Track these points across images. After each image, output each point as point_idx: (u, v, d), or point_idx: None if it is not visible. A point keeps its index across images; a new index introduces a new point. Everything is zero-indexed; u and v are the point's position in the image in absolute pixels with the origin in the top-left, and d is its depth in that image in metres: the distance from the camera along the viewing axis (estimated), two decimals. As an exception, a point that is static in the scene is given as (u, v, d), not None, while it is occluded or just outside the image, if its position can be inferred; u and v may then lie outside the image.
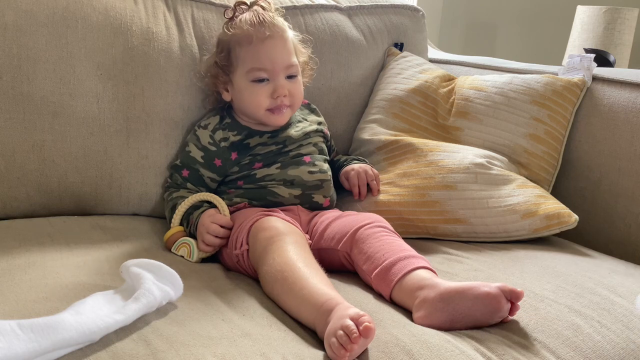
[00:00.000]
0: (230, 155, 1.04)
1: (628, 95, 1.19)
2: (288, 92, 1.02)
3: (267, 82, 1.01)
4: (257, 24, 1.01)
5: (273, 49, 1.01)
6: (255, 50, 1.00)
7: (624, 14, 2.10)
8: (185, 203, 0.98)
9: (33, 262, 0.82)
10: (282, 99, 1.02)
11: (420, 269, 0.80)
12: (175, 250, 0.94)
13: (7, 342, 0.57)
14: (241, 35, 1.01)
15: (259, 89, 1.01)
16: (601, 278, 0.93)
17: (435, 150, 1.16)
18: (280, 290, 0.78)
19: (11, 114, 0.98)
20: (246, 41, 1.01)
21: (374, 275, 0.82)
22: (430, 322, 0.74)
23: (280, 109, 1.03)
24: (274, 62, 1.00)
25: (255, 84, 1.01)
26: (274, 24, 1.02)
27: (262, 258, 0.83)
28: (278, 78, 1.01)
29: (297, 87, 1.04)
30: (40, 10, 1.00)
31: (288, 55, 1.02)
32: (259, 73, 1.01)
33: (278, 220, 0.90)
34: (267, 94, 1.01)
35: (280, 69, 1.01)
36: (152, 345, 0.64)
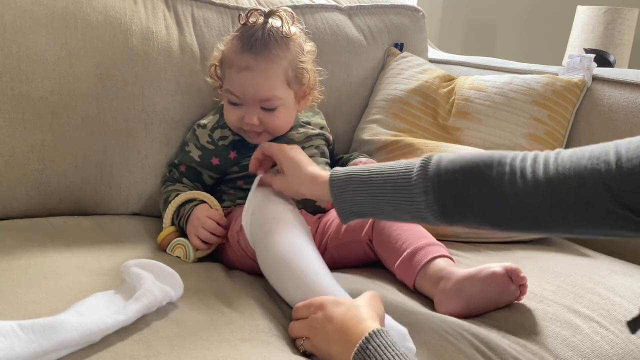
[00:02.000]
0: (229, 154, 1.04)
1: (628, 95, 1.20)
2: (260, 122, 0.99)
3: (240, 107, 0.99)
4: (246, 49, 0.97)
5: (247, 81, 0.97)
6: (232, 76, 0.98)
7: (624, 14, 2.10)
8: (177, 199, 0.98)
9: (33, 262, 0.82)
10: (251, 126, 0.99)
11: (438, 258, 0.85)
12: (171, 251, 0.94)
13: (8, 342, 0.57)
14: (228, 54, 1.00)
15: (232, 110, 1.00)
16: (601, 278, 0.93)
17: (435, 151, 1.16)
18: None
19: (10, 114, 0.98)
20: (228, 64, 0.99)
21: (396, 267, 0.88)
22: (450, 311, 0.80)
23: (250, 134, 1.01)
24: (245, 93, 0.97)
25: (229, 105, 1.00)
26: (262, 53, 0.96)
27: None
28: (249, 107, 0.99)
29: (273, 119, 1.00)
30: (40, 10, 1.00)
31: (265, 89, 0.97)
32: (231, 97, 0.99)
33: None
34: (237, 116, 1.00)
35: (252, 101, 0.98)
36: (153, 347, 0.64)
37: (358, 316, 0.64)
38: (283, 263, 0.78)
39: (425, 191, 0.72)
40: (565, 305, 0.83)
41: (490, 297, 0.80)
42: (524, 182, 0.66)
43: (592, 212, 0.63)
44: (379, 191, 0.76)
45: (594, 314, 0.82)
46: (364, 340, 0.60)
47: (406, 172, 0.74)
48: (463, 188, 0.70)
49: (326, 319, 0.66)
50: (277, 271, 0.80)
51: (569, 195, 0.64)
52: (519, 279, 0.81)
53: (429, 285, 0.83)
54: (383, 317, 0.68)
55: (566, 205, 0.64)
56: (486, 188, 0.69)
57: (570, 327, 0.79)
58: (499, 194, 0.68)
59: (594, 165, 0.62)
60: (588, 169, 0.62)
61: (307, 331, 0.68)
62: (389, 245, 0.90)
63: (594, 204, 0.62)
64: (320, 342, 0.66)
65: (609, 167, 0.61)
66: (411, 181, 0.73)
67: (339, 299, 0.70)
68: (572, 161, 0.64)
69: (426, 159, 0.74)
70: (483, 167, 0.70)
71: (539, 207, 0.66)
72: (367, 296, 0.69)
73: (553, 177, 0.65)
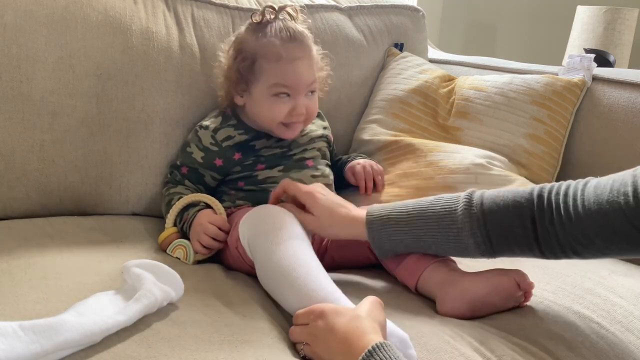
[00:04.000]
0: (233, 155, 1.03)
1: (628, 96, 1.20)
2: (305, 110, 1.02)
3: (288, 98, 1.00)
4: (287, 39, 0.99)
5: (300, 69, 1.00)
6: (283, 68, 0.99)
7: (624, 14, 2.10)
8: (180, 202, 0.98)
9: (33, 263, 0.82)
10: (298, 117, 1.01)
11: (441, 260, 0.85)
12: (171, 252, 0.94)
13: (9, 343, 0.57)
14: (269, 49, 0.99)
15: (279, 104, 1.00)
16: (601, 279, 0.93)
17: (435, 151, 1.16)
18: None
19: (10, 114, 0.98)
20: (274, 58, 0.99)
21: (398, 269, 0.87)
22: (453, 312, 0.80)
23: (295, 125, 1.03)
24: (299, 82, 1.00)
25: (275, 98, 1.00)
26: (303, 42, 1.01)
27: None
28: (299, 96, 1.01)
29: (314, 103, 1.04)
30: (40, 10, 1.00)
31: (312, 74, 1.02)
32: (282, 89, 1.00)
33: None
34: (286, 110, 1.00)
35: (303, 88, 1.01)
36: (153, 347, 0.63)
37: (360, 328, 0.64)
38: (281, 274, 0.77)
39: (473, 233, 0.77)
40: (566, 306, 0.83)
41: (495, 302, 0.81)
42: (559, 218, 0.73)
43: (621, 241, 0.68)
44: (421, 232, 0.79)
45: (594, 315, 0.82)
46: (366, 354, 0.60)
47: (449, 213, 0.78)
48: (509, 227, 0.75)
49: (328, 328, 0.66)
50: (276, 281, 0.79)
51: (598, 228, 0.69)
52: (527, 285, 0.81)
53: (432, 287, 0.83)
54: (384, 325, 0.68)
55: (598, 236, 0.69)
56: (530, 225, 0.75)
57: (571, 328, 0.79)
58: (542, 229, 0.74)
59: (614, 199, 0.67)
60: (610, 202, 0.67)
61: (308, 337, 0.68)
62: None
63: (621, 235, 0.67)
64: (322, 350, 0.66)
65: (627, 199, 0.65)
66: (457, 222, 0.77)
67: (340, 307, 0.69)
68: (597, 194, 0.69)
69: (468, 198, 0.77)
70: (526, 204, 0.75)
71: (575, 239, 0.72)
72: (368, 304, 0.69)
73: (582, 214, 0.70)
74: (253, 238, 0.85)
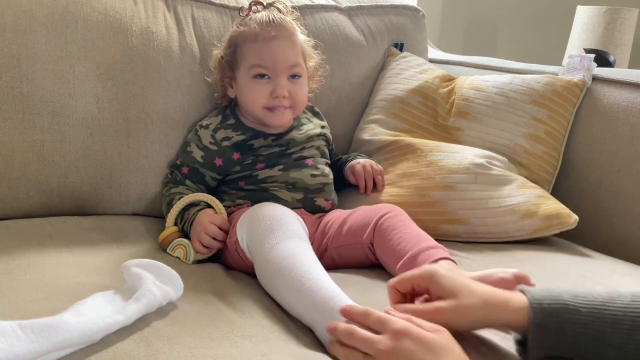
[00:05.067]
0: (232, 155, 1.04)
1: (628, 96, 1.20)
2: (288, 94, 1.02)
3: (268, 80, 1.01)
4: (265, 23, 1.01)
5: (277, 48, 1.01)
6: (259, 47, 1.01)
7: (624, 14, 2.10)
8: (181, 202, 0.98)
9: (33, 262, 0.82)
10: (280, 100, 1.01)
11: (441, 260, 0.84)
12: (171, 251, 0.94)
13: (8, 342, 0.57)
14: (247, 32, 1.02)
15: (259, 86, 1.01)
16: (601, 279, 0.93)
17: (435, 151, 1.16)
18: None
19: (10, 114, 0.98)
20: (251, 38, 1.02)
21: (397, 270, 0.86)
22: None
23: (279, 109, 1.02)
24: (276, 60, 1.00)
25: (256, 81, 1.01)
26: (282, 25, 1.02)
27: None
28: (279, 77, 1.01)
29: (299, 89, 1.04)
30: (40, 10, 1.00)
31: (293, 55, 1.03)
32: (260, 69, 1.01)
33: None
34: (267, 92, 1.01)
35: (282, 69, 1.01)
36: (153, 346, 0.64)
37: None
38: (280, 274, 0.77)
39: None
40: (566, 306, 0.83)
41: None
42: None
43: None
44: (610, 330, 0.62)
45: (594, 314, 0.82)
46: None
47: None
48: None
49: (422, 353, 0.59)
50: (275, 282, 0.79)
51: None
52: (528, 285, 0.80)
53: None
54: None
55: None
56: None
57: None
58: None
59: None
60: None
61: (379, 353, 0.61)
62: (391, 248, 0.89)
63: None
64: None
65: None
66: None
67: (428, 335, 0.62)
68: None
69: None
70: None
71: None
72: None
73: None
74: (251, 239, 0.85)
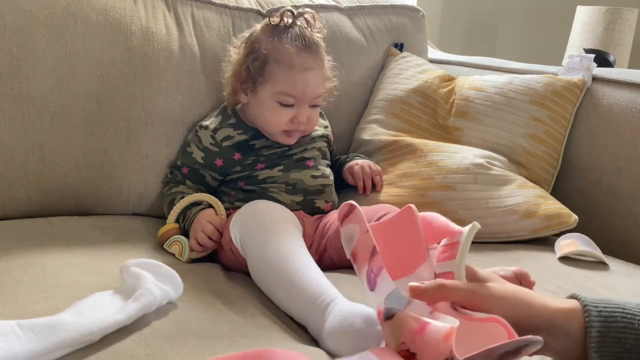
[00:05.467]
0: (233, 155, 1.04)
1: (628, 96, 1.20)
2: (307, 119, 1.02)
3: (292, 107, 1.01)
4: (303, 48, 0.99)
5: (310, 80, 1.00)
6: (294, 77, 0.99)
7: (624, 14, 2.10)
8: (184, 200, 0.99)
9: (33, 262, 0.82)
10: (298, 125, 1.02)
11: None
12: (167, 247, 0.94)
13: (8, 342, 0.57)
14: (283, 55, 0.99)
15: (282, 112, 1.00)
16: (601, 278, 0.93)
17: (435, 151, 1.16)
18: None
19: (11, 114, 0.98)
20: (287, 64, 0.99)
21: None
22: None
23: (295, 133, 1.03)
24: (306, 93, 1.00)
25: (279, 105, 1.00)
26: (317, 52, 1.01)
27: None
28: (303, 106, 1.01)
29: (315, 115, 1.04)
30: (40, 10, 1.00)
31: (320, 86, 1.02)
32: (288, 99, 1.00)
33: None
34: (288, 117, 1.01)
35: (310, 100, 1.01)
36: (152, 345, 0.64)
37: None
38: (272, 272, 0.78)
39: None
40: (565, 305, 0.83)
41: None
42: None
43: None
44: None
45: (594, 314, 0.82)
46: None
47: None
48: None
49: None
50: (268, 280, 0.79)
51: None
52: (528, 284, 0.79)
53: None
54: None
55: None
56: None
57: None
58: None
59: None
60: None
61: None
62: None
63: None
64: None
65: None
66: None
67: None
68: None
69: None
70: None
71: None
72: None
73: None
74: (244, 236, 0.85)
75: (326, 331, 0.69)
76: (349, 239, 0.60)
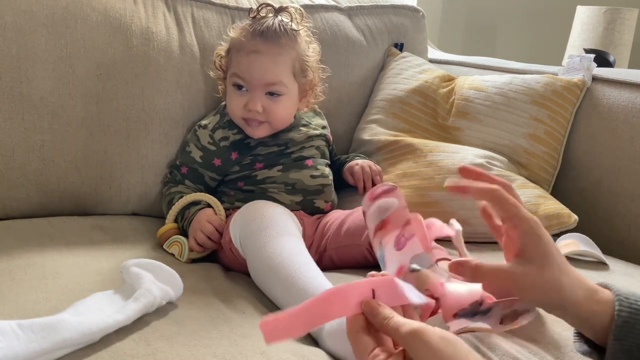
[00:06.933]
0: (231, 155, 1.04)
1: (628, 96, 1.20)
2: (263, 109, 1.00)
3: (245, 92, 1.01)
4: (254, 33, 1.00)
5: (255, 63, 0.99)
6: (240, 58, 1.01)
7: (624, 14, 2.10)
8: (183, 200, 0.99)
9: (33, 262, 0.82)
10: (254, 114, 1.00)
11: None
12: (167, 247, 0.94)
13: (7, 342, 0.57)
14: (236, 40, 1.02)
15: (236, 96, 1.02)
16: (601, 278, 0.92)
17: (435, 151, 1.16)
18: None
19: (10, 114, 0.98)
20: (237, 47, 1.02)
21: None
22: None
23: (253, 122, 1.02)
24: (252, 75, 0.99)
25: (234, 89, 1.02)
26: (272, 38, 0.99)
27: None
28: (254, 92, 1.00)
29: (277, 107, 1.01)
30: (40, 10, 1.00)
31: (273, 74, 0.99)
32: (237, 79, 1.01)
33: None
34: (242, 103, 1.01)
35: (258, 84, 1.00)
36: (152, 345, 0.64)
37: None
38: (271, 272, 0.78)
39: None
40: (565, 305, 0.83)
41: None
42: None
43: None
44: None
45: (594, 314, 0.82)
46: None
47: None
48: None
49: None
50: (267, 280, 0.80)
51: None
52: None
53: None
54: None
55: None
56: None
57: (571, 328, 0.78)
58: None
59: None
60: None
61: None
62: None
63: None
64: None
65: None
66: None
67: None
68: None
69: None
70: None
71: None
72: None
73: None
74: (243, 236, 0.85)
75: (326, 331, 0.69)
76: (382, 210, 0.62)
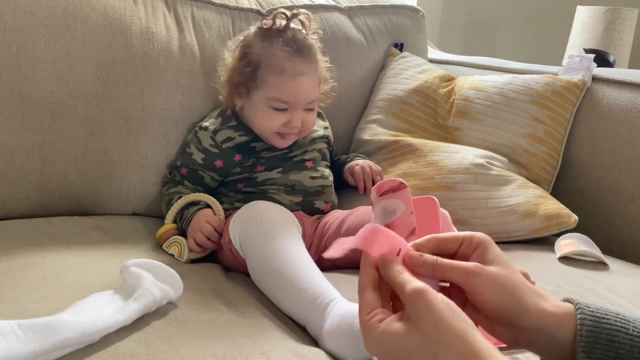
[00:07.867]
0: (234, 157, 1.03)
1: (628, 96, 1.20)
2: (301, 123, 1.01)
3: (285, 112, 1.00)
4: (294, 53, 0.98)
5: (302, 86, 0.99)
6: (285, 83, 0.98)
7: (624, 14, 2.10)
8: (182, 200, 0.99)
9: (33, 262, 0.82)
10: (292, 129, 1.01)
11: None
12: (167, 248, 0.94)
13: (8, 342, 0.57)
14: (274, 61, 0.98)
15: (276, 116, 1.00)
16: (601, 278, 0.93)
17: (435, 151, 1.16)
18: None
19: (11, 114, 0.98)
20: (278, 70, 0.98)
21: None
22: None
23: (289, 136, 1.03)
24: (298, 98, 0.99)
25: (273, 110, 1.00)
26: (309, 56, 0.99)
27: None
28: (297, 111, 1.00)
29: (311, 118, 1.03)
30: (40, 10, 1.00)
31: (313, 91, 1.01)
32: (281, 104, 0.99)
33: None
34: (282, 121, 1.00)
35: (302, 104, 1.00)
36: (152, 345, 0.64)
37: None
38: (271, 273, 0.78)
39: None
40: (565, 305, 0.83)
41: None
42: None
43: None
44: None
45: (593, 314, 0.82)
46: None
47: None
48: None
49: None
50: (267, 281, 0.80)
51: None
52: None
53: None
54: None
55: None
56: None
57: None
58: None
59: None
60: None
61: None
62: None
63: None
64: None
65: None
66: None
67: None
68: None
69: None
70: None
71: None
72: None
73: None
74: (243, 237, 0.85)
75: (325, 331, 0.69)
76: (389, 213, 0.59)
